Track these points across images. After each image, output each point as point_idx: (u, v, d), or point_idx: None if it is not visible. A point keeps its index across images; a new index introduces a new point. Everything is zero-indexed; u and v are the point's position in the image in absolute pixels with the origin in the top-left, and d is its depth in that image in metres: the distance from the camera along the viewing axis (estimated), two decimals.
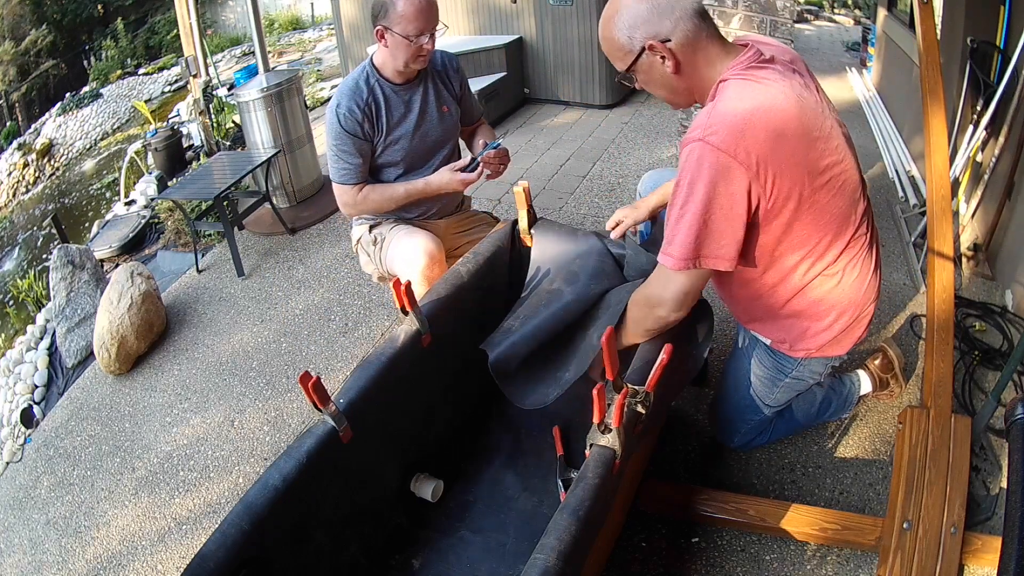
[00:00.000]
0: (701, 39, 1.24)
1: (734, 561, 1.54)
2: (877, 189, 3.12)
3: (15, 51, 10.71)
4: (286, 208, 3.55)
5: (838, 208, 1.29)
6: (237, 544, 1.10)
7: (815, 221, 1.28)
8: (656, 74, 1.28)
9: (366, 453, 1.38)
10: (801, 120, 1.19)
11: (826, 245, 1.32)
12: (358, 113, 1.84)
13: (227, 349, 2.56)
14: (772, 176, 1.18)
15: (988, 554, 1.41)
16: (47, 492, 2.07)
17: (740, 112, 1.17)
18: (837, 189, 1.27)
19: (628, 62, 1.28)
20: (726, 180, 1.17)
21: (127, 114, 8.66)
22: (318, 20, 10.48)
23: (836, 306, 1.40)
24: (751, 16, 2.64)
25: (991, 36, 2.40)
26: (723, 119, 1.17)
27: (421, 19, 1.74)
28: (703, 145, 1.17)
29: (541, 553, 0.99)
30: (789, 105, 1.19)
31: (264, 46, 3.86)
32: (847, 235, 1.34)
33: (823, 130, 1.23)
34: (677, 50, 1.23)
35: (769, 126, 1.17)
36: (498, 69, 4.44)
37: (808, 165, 1.21)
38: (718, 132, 1.16)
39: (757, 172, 1.17)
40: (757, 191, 1.19)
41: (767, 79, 1.21)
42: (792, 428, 1.78)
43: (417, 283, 1.81)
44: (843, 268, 1.36)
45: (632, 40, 1.25)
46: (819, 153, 1.22)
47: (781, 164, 1.18)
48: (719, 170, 1.16)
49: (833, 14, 7.27)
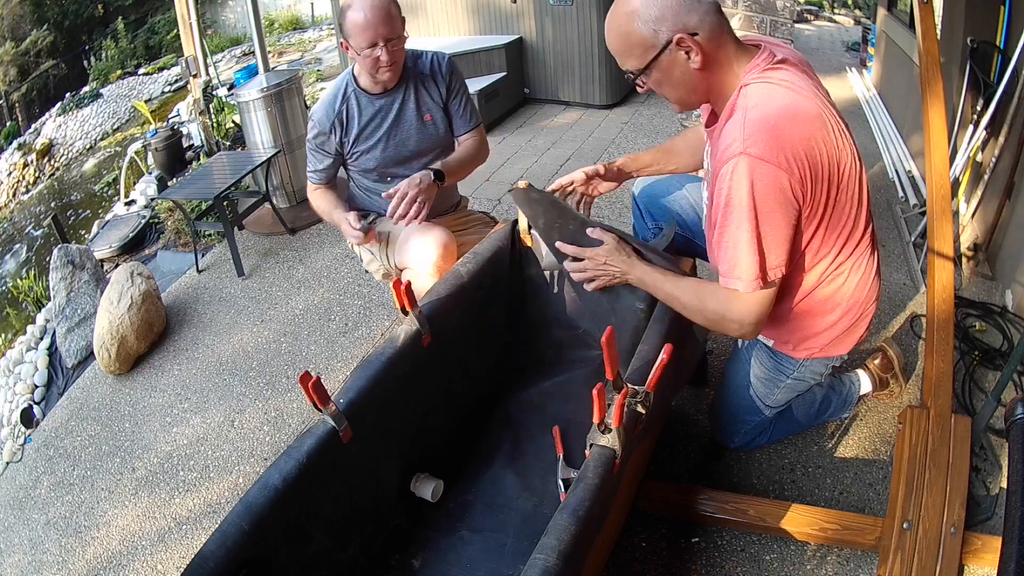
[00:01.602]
0: (724, 35, 1.22)
1: (734, 561, 1.54)
2: (877, 189, 3.12)
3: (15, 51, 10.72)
4: (286, 208, 3.54)
5: (850, 208, 1.30)
6: (237, 544, 1.10)
7: (835, 222, 1.28)
8: (678, 71, 1.22)
9: (366, 453, 1.38)
10: (824, 121, 1.19)
11: (839, 246, 1.33)
12: (327, 123, 1.89)
13: (227, 349, 2.56)
14: (811, 179, 1.18)
15: (988, 554, 1.41)
16: (47, 492, 2.07)
17: (773, 118, 1.15)
18: (850, 189, 1.27)
19: (648, 58, 1.20)
20: (775, 190, 1.15)
21: (127, 114, 8.66)
22: (318, 20, 10.49)
23: (840, 305, 1.40)
24: (751, 16, 2.64)
25: (991, 36, 2.40)
26: (760, 127, 1.15)
27: (369, 32, 1.71)
28: (747, 159, 1.14)
29: (541, 553, 0.99)
30: (813, 107, 1.18)
31: (264, 46, 3.86)
32: (856, 235, 1.34)
33: (837, 130, 1.23)
34: (705, 44, 1.19)
35: (803, 130, 1.16)
36: (498, 69, 4.44)
37: (832, 166, 1.21)
38: (758, 142, 1.14)
39: (801, 177, 1.16)
40: (800, 195, 1.18)
41: (786, 81, 1.20)
42: (792, 428, 1.78)
43: (430, 275, 1.81)
44: (850, 267, 1.36)
45: (657, 33, 1.18)
46: (839, 153, 1.22)
47: (816, 166, 1.18)
48: (767, 181, 1.14)
49: (833, 14, 7.26)
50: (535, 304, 1.92)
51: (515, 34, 4.53)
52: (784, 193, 1.16)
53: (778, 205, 1.17)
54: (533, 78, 4.69)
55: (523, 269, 1.86)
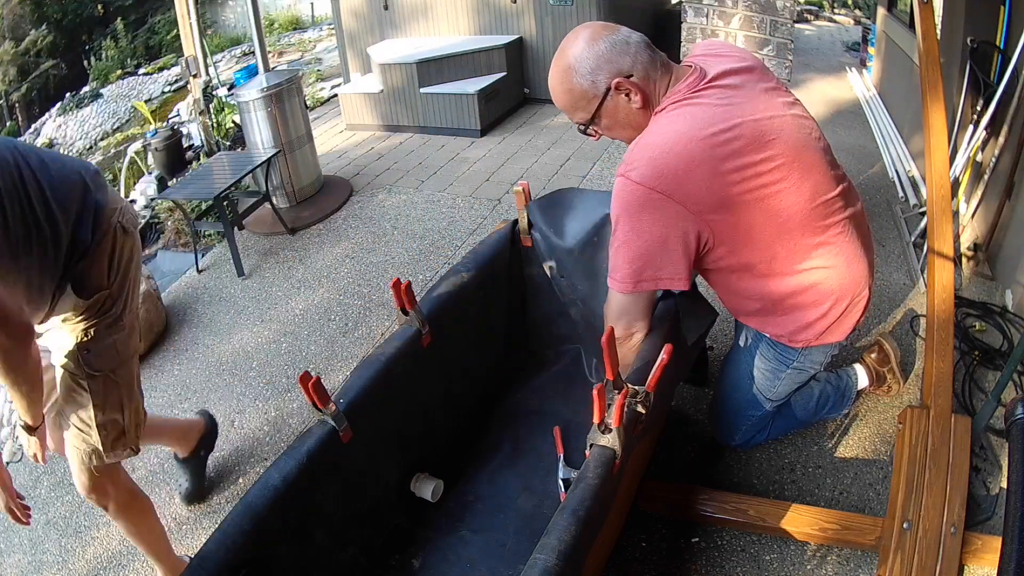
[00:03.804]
0: (656, 68, 1.29)
1: (734, 561, 1.54)
2: (877, 189, 3.13)
3: (15, 51, 10.71)
4: (286, 208, 3.55)
5: (797, 205, 1.30)
6: (237, 544, 1.10)
7: (775, 225, 1.29)
8: (622, 113, 1.31)
9: (366, 453, 1.38)
10: (727, 143, 1.22)
11: (798, 240, 1.33)
12: None
13: (227, 349, 2.56)
14: (701, 200, 1.22)
15: (988, 554, 1.41)
16: (47, 492, 2.07)
17: (659, 145, 1.23)
18: (783, 193, 1.27)
19: (593, 108, 1.31)
20: (651, 212, 1.23)
21: (127, 114, 8.66)
22: (318, 20, 10.48)
23: (829, 294, 1.41)
24: (751, 16, 2.64)
25: (991, 36, 2.40)
26: (643, 154, 1.23)
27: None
28: (624, 181, 1.23)
29: (541, 553, 0.99)
30: (713, 131, 1.22)
31: (264, 46, 3.86)
32: (818, 226, 1.34)
33: (762, 139, 1.24)
34: (640, 83, 1.28)
35: (690, 156, 1.21)
36: (498, 69, 4.44)
37: (742, 183, 1.23)
38: (638, 167, 1.22)
39: (684, 200, 1.22)
40: (690, 216, 1.23)
41: (700, 104, 1.25)
42: (791, 425, 1.79)
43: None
44: (825, 257, 1.37)
45: (596, 84, 1.28)
46: (755, 166, 1.24)
47: (709, 189, 1.22)
48: (643, 204, 1.22)
49: (833, 14, 7.26)
50: (535, 304, 1.92)
51: (515, 34, 4.53)
52: (661, 213, 1.22)
53: (657, 224, 1.23)
54: (533, 78, 4.69)
55: (523, 269, 1.86)
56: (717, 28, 2.80)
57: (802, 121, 1.35)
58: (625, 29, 1.30)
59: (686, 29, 2.93)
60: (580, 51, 1.27)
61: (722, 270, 1.39)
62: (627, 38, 1.28)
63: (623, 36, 1.28)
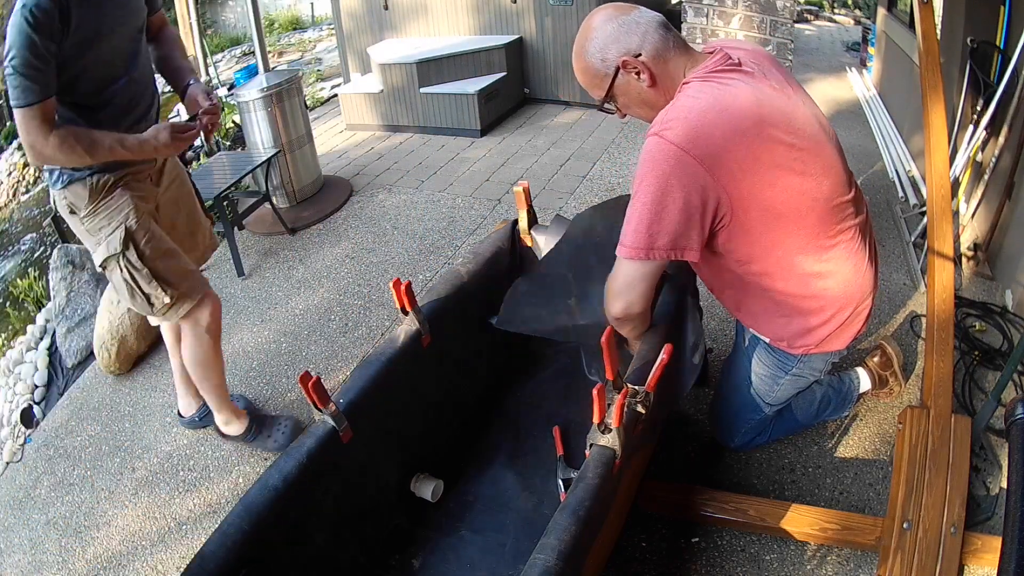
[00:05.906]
0: (669, 48, 1.28)
1: (734, 561, 1.54)
2: (877, 189, 3.13)
3: None
4: (286, 208, 3.55)
5: (817, 203, 1.29)
6: (237, 544, 1.10)
7: (794, 216, 1.28)
8: (634, 92, 1.31)
9: (366, 453, 1.38)
10: (760, 118, 1.20)
11: (811, 239, 1.32)
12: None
13: (227, 349, 2.56)
14: (730, 172, 1.20)
15: (988, 554, 1.41)
16: (47, 492, 2.07)
17: (696, 108, 1.20)
18: (805, 187, 1.27)
19: (606, 86, 1.31)
20: (680, 174, 1.19)
21: None
22: (318, 20, 10.48)
23: (834, 301, 1.40)
24: (751, 16, 2.64)
25: (991, 36, 2.40)
26: (679, 114, 1.20)
27: None
28: (658, 139, 1.20)
29: (541, 553, 0.99)
30: (747, 104, 1.20)
31: (264, 46, 3.86)
32: (832, 229, 1.33)
33: (791, 126, 1.24)
34: (649, 62, 1.27)
35: (725, 123, 1.19)
36: (498, 69, 4.44)
37: (763, 164, 1.22)
38: (673, 127, 1.19)
39: (712, 168, 1.18)
40: (715, 186, 1.20)
41: (730, 81, 1.23)
42: (792, 427, 1.78)
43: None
44: (834, 262, 1.36)
45: (606, 63, 1.28)
46: (785, 148, 1.23)
47: (740, 160, 1.20)
48: (673, 164, 1.18)
49: (833, 14, 7.27)
50: None
51: (515, 34, 4.53)
52: (691, 178, 1.18)
53: (683, 188, 1.19)
54: (533, 78, 4.69)
55: (523, 269, 1.86)
56: (717, 28, 2.80)
57: (823, 121, 1.35)
58: (641, 9, 1.30)
59: (686, 29, 2.93)
60: (592, 31, 1.29)
61: (729, 256, 1.35)
62: (638, 18, 1.27)
63: (634, 16, 1.28)
